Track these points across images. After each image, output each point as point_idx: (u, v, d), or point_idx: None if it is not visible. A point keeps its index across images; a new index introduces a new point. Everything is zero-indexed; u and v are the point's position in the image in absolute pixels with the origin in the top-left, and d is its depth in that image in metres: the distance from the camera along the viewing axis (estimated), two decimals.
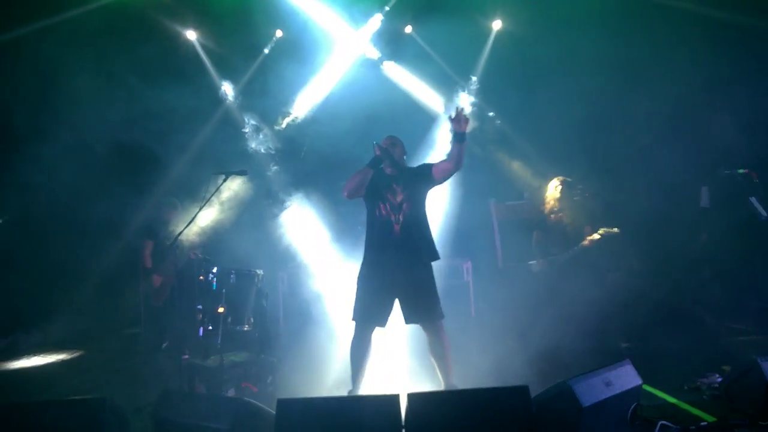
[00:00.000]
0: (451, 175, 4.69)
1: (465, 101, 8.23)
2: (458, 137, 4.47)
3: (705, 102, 7.13)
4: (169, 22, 7.62)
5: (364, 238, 4.79)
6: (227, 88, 8.12)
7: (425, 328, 4.68)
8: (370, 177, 4.61)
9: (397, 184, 4.70)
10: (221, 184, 4.91)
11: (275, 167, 7.71)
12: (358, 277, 4.73)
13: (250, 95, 8.07)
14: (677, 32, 7.02)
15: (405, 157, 4.88)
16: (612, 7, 7.04)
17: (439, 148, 8.02)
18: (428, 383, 4.96)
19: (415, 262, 4.62)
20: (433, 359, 4.70)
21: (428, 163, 4.88)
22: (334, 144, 7.44)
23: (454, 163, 4.55)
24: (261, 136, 7.89)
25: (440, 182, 4.75)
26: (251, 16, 7.53)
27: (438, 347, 4.65)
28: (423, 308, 4.63)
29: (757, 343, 5.81)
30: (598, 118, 7.25)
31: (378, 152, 4.59)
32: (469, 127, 4.59)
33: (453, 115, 4.46)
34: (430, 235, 4.75)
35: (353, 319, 4.65)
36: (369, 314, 4.61)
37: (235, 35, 7.85)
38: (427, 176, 4.71)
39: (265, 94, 7.84)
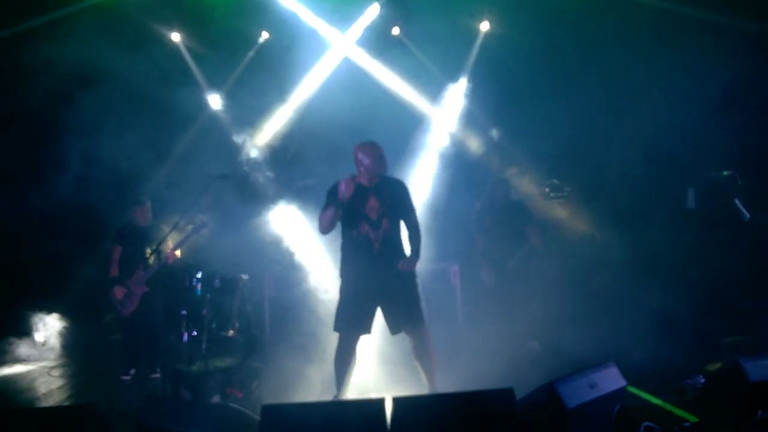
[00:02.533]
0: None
1: (452, 102, 8.28)
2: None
3: (693, 104, 7.19)
4: (154, 23, 7.57)
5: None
6: (212, 95, 8.07)
7: (409, 333, 4.68)
8: (341, 209, 4.50)
9: (376, 197, 4.59)
10: (204, 190, 4.87)
11: (261, 170, 7.68)
12: (339, 289, 4.71)
13: (235, 98, 8.03)
14: (665, 34, 7.07)
15: (385, 162, 4.65)
16: (601, 7, 7.08)
17: (425, 150, 8.05)
18: (413, 387, 4.97)
19: (394, 274, 4.57)
20: (417, 363, 4.72)
21: (407, 200, 4.73)
22: (321, 146, 7.42)
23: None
24: (246, 140, 7.85)
25: None
26: (236, 18, 7.49)
27: (422, 352, 4.66)
28: (404, 317, 4.62)
29: (741, 344, 5.85)
30: (587, 119, 7.28)
31: (343, 191, 4.37)
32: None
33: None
34: (404, 248, 4.74)
35: (336, 330, 4.62)
36: (352, 323, 4.58)
37: (220, 37, 7.79)
38: (404, 205, 4.70)
39: (250, 97, 7.80)
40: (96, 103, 6.98)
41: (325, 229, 4.58)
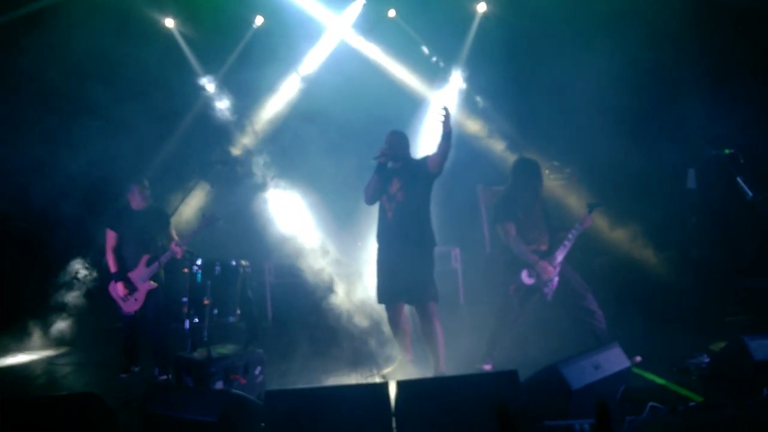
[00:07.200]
0: (442, 163, 4.80)
1: (451, 85, 8.20)
2: (446, 136, 4.67)
3: (693, 83, 7.13)
4: (148, 9, 7.46)
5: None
6: (207, 81, 7.96)
7: (416, 309, 4.82)
8: (376, 174, 4.90)
9: (398, 177, 4.92)
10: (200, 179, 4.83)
11: (258, 156, 7.61)
12: (376, 262, 5.04)
13: (230, 83, 7.94)
14: (667, 16, 6.99)
15: (402, 147, 5.00)
16: None
17: (424, 132, 7.99)
18: (418, 370, 4.97)
19: (404, 246, 4.77)
20: (425, 342, 4.82)
21: (426, 155, 4.97)
22: (318, 131, 7.36)
23: (442, 154, 4.74)
24: (241, 125, 7.79)
25: (437, 172, 4.85)
26: (230, 3, 7.40)
27: (427, 330, 4.75)
28: (409, 288, 4.78)
29: (744, 323, 5.85)
30: (586, 100, 7.21)
31: (381, 159, 4.84)
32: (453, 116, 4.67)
33: (441, 117, 4.62)
34: (424, 222, 4.87)
35: (378, 302, 5.00)
36: (383, 294, 4.90)
37: (214, 22, 7.70)
38: (424, 168, 4.88)
39: (245, 82, 7.72)
40: (89, 89, 6.91)
41: (367, 198, 5.01)
